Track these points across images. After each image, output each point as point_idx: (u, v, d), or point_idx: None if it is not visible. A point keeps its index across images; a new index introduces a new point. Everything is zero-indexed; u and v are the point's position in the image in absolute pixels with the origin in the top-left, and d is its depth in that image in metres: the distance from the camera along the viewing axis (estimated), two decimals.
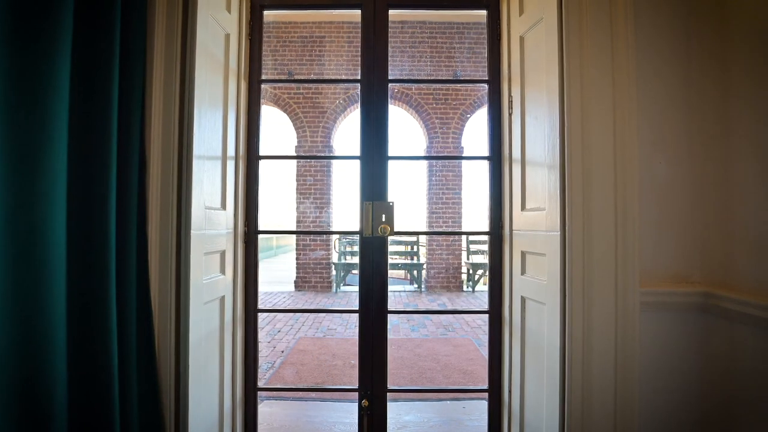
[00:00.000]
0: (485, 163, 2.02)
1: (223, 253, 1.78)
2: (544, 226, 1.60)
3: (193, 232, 1.52)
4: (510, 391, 1.87)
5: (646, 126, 1.58)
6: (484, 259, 8.55)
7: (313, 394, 3.11)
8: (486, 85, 2.00)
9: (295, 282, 7.90)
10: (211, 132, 1.67)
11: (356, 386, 1.96)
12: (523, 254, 1.78)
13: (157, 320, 1.48)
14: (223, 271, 1.78)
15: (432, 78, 7.85)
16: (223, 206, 1.78)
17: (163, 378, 1.49)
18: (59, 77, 1.12)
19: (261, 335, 4.76)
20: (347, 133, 8.28)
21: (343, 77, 6.87)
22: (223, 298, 1.77)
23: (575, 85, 1.49)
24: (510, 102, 1.88)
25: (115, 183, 1.26)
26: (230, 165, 1.82)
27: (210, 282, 1.67)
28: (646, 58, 1.59)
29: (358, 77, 1.98)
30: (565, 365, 1.48)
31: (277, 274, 9.88)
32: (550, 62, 1.57)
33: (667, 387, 1.56)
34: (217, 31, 1.72)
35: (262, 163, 2.00)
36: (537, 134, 1.68)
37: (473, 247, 8.40)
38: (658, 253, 1.59)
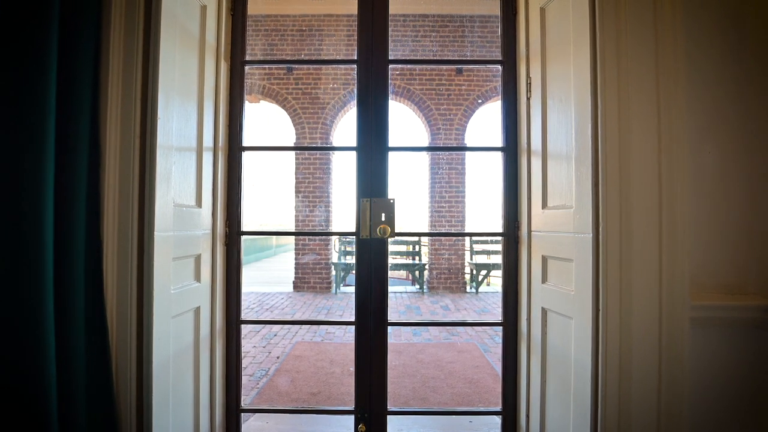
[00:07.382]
0: (491, 161, 1.82)
1: (198, 258, 1.54)
2: (572, 227, 1.36)
3: (158, 233, 1.29)
4: (528, 415, 1.64)
5: (692, 108, 1.34)
6: (487, 259, 8.31)
7: (307, 407, 2.89)
8: (500, 67, 1.76)
9: (293, 282, 7.67)
10: (183, 118, 1.44)
11: (352, 407, 1.73)
12: (544, 259, 1.54)
13: (114, 337, 1.25)
14: (198, 278, 1.55)
15: (437, 58, 7.53)
16: (199, 203, 1.55)
17: (122, 404, 1.26)
18: None
19: (256, 339, 4.53)
20: (347, 130, 8.04)
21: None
22: (198, 310, 1.54)
23: (610, 59, 1.25)
24: (528, 84, 1.64)
25: (51, 176, 1.03)
26: (207, 157, 1.59)
27: (181, 291, 1.43)
28: (689, 25, 1.35)
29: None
30: (597, 390, 1.26)
31: (277, 274, 9.67)
32: (578, 33, 1.34)
33: (715, 416, 1.33)
34: (191, 1, 1.49)
35: (258, 160, 1.79)
36: (561, 120, 1.44)
37: (477, 247, 8.15)
38: (706, 258, 1.35)
